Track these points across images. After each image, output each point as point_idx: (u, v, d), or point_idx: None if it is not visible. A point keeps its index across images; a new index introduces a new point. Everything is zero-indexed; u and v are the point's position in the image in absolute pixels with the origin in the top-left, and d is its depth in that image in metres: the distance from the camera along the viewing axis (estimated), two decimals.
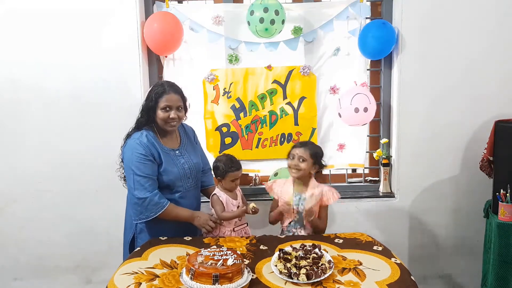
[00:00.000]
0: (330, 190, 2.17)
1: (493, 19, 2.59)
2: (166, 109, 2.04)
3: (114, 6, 2.60)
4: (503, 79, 2.64)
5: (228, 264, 1.59)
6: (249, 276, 1.64)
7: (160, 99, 2.03)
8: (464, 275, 2.86)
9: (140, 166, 1.99)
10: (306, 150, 2.15)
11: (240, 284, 1.56)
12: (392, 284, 1.60)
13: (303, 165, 2.13)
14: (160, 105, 2.03)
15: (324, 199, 2.15)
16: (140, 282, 1.64)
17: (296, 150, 2.16)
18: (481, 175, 2.58)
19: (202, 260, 1.62)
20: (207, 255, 1.66)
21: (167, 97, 2.04)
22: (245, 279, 1.59)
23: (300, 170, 2.14)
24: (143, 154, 2.00)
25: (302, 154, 2.14)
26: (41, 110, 2.69)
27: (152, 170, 2.01)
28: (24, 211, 2.80)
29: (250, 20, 2.53)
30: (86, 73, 2.65)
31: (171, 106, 2.04)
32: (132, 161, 1.99)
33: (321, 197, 2.15)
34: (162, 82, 2.15)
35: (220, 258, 1.63)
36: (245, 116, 2.77)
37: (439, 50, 2.61)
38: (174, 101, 2.05)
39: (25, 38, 2.63)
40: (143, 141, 2.02)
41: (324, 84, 2.79)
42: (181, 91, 2.13)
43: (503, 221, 2.30)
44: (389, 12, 2.72)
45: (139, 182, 1.99)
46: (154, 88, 2.09)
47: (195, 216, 2.07)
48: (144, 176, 1.99)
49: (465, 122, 2.69)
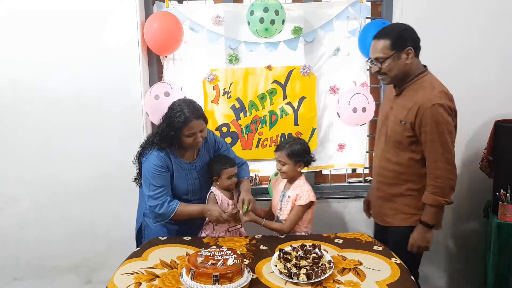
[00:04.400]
0: (308, 191, 2.11)
1: (493, 19, 2.59)
2: (191, 135, 2.03)
3: (114, 6, 2.60)
4: (503, 79, 2.64)
5: (228, 264, 1.60)
6: (249, 276, 1.65)
7: (184, 127, 2.00)
8: (464, 275, 2.85)
9: (155, 177, 2.05)
10: (283, 152, 2.11)
11: (240, 284, 1.56)
12: (392, 284, 1.61)
13: (285, 168, 2.12)
14: (184, 133, 2.02)
15: (298, 198, 2.11)
16: (140, 282, 1.64)
17: (276, 154, 2.15)
18: (481, 175, 2.59)
19: (202, 260, 1.62)
20: (207, 255, 1.66)
21: (191, 125, 2.00)
22: (245, 279, 1.60)
23: (284, 173, 2.14)
24: (159, 166, 2.06)
25: (280, 157, 2.13)
26: (41, 110, 2.69)
27: (165, 181, 2.08)
28: (24, 211, 2.80)
29: (250, 20, 2.53)
30: (86, 73, 2.65)
31: (195, 132, 2.03)
32: (149, 170, 2.06)
33: (295, 196, 2.12)
34: (182, 106, 2.02)
35: (220, 258, 1.64)
36: (245, 116, 2.77)
37: (439, 50, 2.61)
38: (198, 126, 2.02)
39: (25, 38, 2.63)
40: (161, 153, 2.08)
41: (324, 84, 2.79)
42: (202, 113, 2.07)
43: (503, 221, 2.30)
44: (389, 12, 2.72)
45: (153, 191, 2.05)
46: (175, 113, 2.00)
47: (205, 211, 2.10)
48: (158, 187, 2.05)
49: (465, 122, 2.67)
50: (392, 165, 2.02)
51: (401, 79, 1.97)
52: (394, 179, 2.03)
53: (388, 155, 2.03)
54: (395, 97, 2.04)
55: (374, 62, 1.96)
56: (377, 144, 2.14)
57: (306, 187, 2.14)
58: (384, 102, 2.16)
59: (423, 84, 1.95)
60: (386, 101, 2.13)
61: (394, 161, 2.01)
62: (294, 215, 2.11)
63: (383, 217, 2.13)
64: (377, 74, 2.00)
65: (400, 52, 1.91)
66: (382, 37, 1.93)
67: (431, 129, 1.86)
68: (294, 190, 2.14)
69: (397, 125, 1.97)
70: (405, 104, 1.95)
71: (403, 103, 1.97)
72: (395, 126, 1.99)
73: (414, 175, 1.98)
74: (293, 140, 2.17)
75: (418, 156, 1.95)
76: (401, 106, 1.98)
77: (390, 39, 1.90)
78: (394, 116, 2.00)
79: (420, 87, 1.94)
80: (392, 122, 2.01)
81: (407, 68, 1.95)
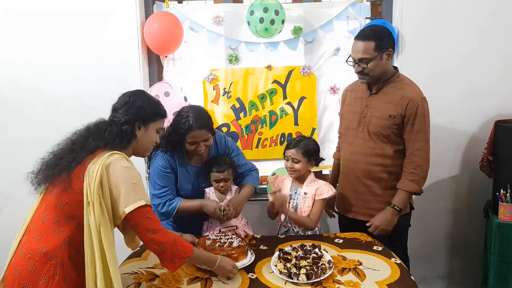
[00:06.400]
0: (326, 185, 2.13)
1: (493, 19, 2.59)
2: (193, 143, 2.04)
3: (114, 6, 2.60)
4: (503, 79, 2.64)
5: (233, 246, 1.79)
6: (252, 257, 1.80)
7: (187, 135, 2.00)
8: (464, 275, 2.86)
9: (159, 176, 2.08)
10: (298, 150, 2.11)
11: (245, 264, 1.74)
12: (392, 284, 1.61)
13: (298, 166, 2.12)
14: (186, 140, 2.03)
15: (318, 192, 2.11)
16: (140, 282, 1.65)
17: (289, 152, 2.14)
18: (481, 175, 2.59)
19: (210, 243, 1.82)
20: (214, 239, 1.86)
21: (193, 134, 1.99)
22: (248, 259, 1.78)
23: (296, 171, 2.13)
24: (163, 166, 2.09)
25: (294, 155, 2.11)
26: (41, 110, 2.69)
27: (169, 181, 2.11)
28: (24, 211, 2.79)
29: (250, 20, 2.53)
30: (86, 73, 2.65)
31: (198, 141, 2.03)
32: (154, 170, 2.10)
33: (314, 191, 2.12)
34: (187, 112, 2.01)
35: (226, 241, 1.84)
36: (245, 116, 2.77)
37: (439, 49, 2.61)
38: (201, 136, 2.02)
39: (25, 38, 2.63)
40: (166, 155, 2.11)
41: (324, 84, 2.80)
42: (207, 123, 2.04)
43: (503, 221, 2.30)
44: (389, 12, 2.72)
45: (157, 190, 2.09)
46: (180, 119, 2.01)
47: (203, 206, 2.11)
48: (162, 186, 2.08)
49: (465, 122, 2.69)
50: (381, 159, 2.11)
51: (379, 78, 2.08)
52: (383, 172, 2.13)
53: (375, 150, 2.11)
54: (372, 95, 2.13)
55: (358, 63, 2.04)
56: (352, 143, 2.19)
57: (321, 181, 2.15)
58: (353, 102, 2.22)
59: (404, 81, 2.11)
60: (355, 101, 2.21)
61: (381, 154, 2.11)
62: (318, 210, 2.11)
63: (371, 211, 2.16)
64: (359, 74, 2.09)
65: (382, 53, 2.02)
66: (366, 38, 2.02)
67: (419, 120, 2.02)
68: (310, 186, 2.13)
69: (385, 120, 2.07)
70: (390, 100, 2.06)
71: (387, 99, 2.08)
72: (381, 121, 2.08)
73: (398, 166, 2.11)
74: (304, 138, 2.19)
75: (401, 147, 2.10)
76: (384, 102, 2.08)
77: (374, 41, 2.00)
78: (378, 112, 2.08)
79: (402, 83, 2.09)
80: (376, 118, 2.09)
81: (385, 68, 2.06)
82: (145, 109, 1.63)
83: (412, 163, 2.05)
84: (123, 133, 1.57)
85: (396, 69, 2.14)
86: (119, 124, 1.58)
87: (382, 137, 2.09)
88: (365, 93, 2.15)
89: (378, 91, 2.11)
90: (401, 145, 2.09)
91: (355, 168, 2.18)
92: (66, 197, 1.46)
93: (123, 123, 1.59)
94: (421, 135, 2.04)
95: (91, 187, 1.41)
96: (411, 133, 2.04)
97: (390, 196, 2.12)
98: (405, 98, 2.02)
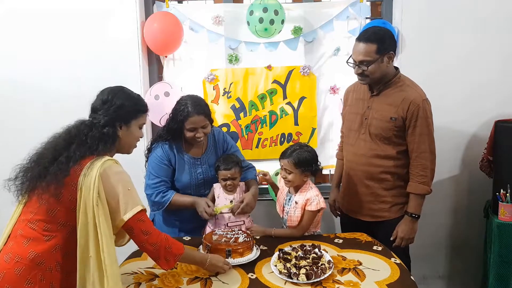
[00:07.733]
0: (318, 196, 2.01)
1: (493, 18, 2.58)
2: (192, 129, 2.06)
3: (114, 6, 2.60)
4: (503, 79, 2.64)
5: (239, 241, 1.83)
6: (258, 252, 1.84)
7: (185, 121, 2.04)
8: (464, 275, 2.86)
9: (155, 166, 2.12)
10: (290, 161, 2.00)
11: (250, 258, 1.78)
12: (391, 284, 1.61)
13: (290, 177, 2.02)
14: (185, 126, 2.06)
15: (308, 203, 2.01)
16: (139, 282, 1.65)
17: (282, 162, 2.06)
18: (481, 175, 2.58)
19: (217, 238, 1.87)
20: (221, 234, 1.91)
21: (191, 119, 2.03)
22: (254, 254, 1.81)
23: (289, 182, 2.06)
24: (161, 157, 2.12)
25: (287, 166, 2.02)
26: (42, 110, 2.68)
27: (165, 173, 2.13)
28: None
29: (250, 20, 2.53)
30: (86, 73, 2.65)
31: (196, 127, 2.06)
32: (152, 160, 2.14)
33: (305, 202, 2.02)
34: (186, 100, 2.07)
35: (232, 237, 1.88)
36: (245, 116, 2.77)
37: (439, 49, 2.61)
38: (199, 122, 2.05)
39: (26, 38, 2.63)
40: (165, 146, 2.14)
41: (324, 84, 2.80)
42: (205, 109, 2.09)
43: (503, 221, 2.30)
44: (389, 12, 2.72)
45: (151, 180, 2.12)
46: (178, 107, 2.07)
47: (195, 203, 2.13)
48: (157, 177, 2.11)
49: (465, 122, 2.69)
50: (383, 161, 2.10)
51: (379, 80, 2.07)
52: (385, 173, 2.11)
53: (378, 152, 2.10)
54: (373, 97, 2.12)
55: (359, 65, 2.02)
56: (354, 144, 2.18)
57: (314, 191, 2.04)
58: (354, 103, 2.21)
59: (405, 83, 2.08)
60: (357, 101, 2.20)
61: (383, 156, 2.09)
62: (307, 220, 2.02)
63: (374, 212, 2.16)
64: (359, 75, 2.07)
65: (383, 56, 2.00)
66: (368, 40, 2.00)
67: (421, 123, 2.01)
68: (302, 195, 2.04)
69: (386, 122, 2.05)
70: (392, 102, 2.05)
71: (388, 101, 2.06)
72: (383, 123, 2.06)
73: (401, 166, 2.10)
74: (300, 147, 2.06)
75: (403, 148, 2.08)
76: (385, 104, 2.07)
77: (376, 43, 1.98)
78: (379, 114, 2.07)
79: (403, 85, 2.07)
80: (377, 120, 2.08)
81: (386, 71, 2.04)
82: (125, 108, 1.58)
83: (420, 166, 2.03)
84: (105, 136, 1.53)
85: (397, 69, 2.12)
86: (100, 126, 1.53)
87: (383, 139, 2.08)
88: (367, 94, 2.14)
89: (379, 93, 2.10)
90: (403, 147, 2.07)
91: (357, 169, 2.18)
92: (58, 205, 1.44)
93: (103, 125, 1.53)
94: (425, 137, 2.02)
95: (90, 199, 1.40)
96: (414, 135, 2.02)
97: (392, 197, 2.12)
98: (406, 100, 2.01)
